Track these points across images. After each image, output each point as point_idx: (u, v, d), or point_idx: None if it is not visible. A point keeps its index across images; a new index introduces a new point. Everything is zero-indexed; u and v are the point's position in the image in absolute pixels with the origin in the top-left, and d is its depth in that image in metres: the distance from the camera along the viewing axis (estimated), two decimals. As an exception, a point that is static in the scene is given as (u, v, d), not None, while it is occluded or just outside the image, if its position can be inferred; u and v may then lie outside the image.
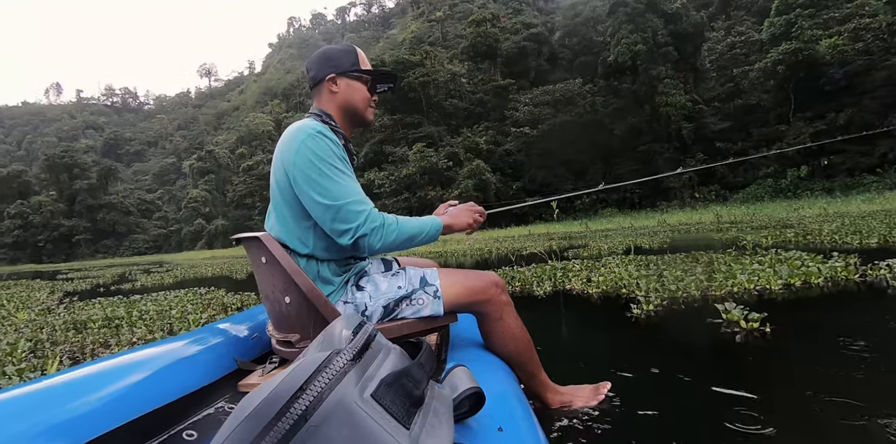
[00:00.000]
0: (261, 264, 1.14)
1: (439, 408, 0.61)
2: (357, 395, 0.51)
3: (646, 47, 32.18)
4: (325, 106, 1.28)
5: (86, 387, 0.85)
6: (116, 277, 11.87)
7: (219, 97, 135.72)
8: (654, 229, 13.51)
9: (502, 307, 1.25)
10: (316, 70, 1.28)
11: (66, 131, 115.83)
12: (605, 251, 6.64)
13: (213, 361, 1.12)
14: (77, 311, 4.17)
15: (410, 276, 1.23)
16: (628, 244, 7.90)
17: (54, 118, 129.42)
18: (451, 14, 70.70)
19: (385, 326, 1.16)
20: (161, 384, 0.95)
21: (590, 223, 19.99)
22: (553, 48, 48.87)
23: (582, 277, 3.76)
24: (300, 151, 1.10)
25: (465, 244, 13.57)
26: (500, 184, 34.47)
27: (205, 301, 4.15)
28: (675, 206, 28.63)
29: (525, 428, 0.78)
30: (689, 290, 2.97)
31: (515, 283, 3.92)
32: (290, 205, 1.15)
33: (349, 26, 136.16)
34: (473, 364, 0.93)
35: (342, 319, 0.67)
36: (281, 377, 0.50)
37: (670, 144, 32.11)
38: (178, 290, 5.81)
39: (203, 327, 1.34)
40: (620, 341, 2.32)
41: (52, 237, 62.35)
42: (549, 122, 35.51)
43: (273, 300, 1.15)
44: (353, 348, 0.57)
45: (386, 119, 40.71)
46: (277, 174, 1.16)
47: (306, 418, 0.46)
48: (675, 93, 31.30)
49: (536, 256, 5.32)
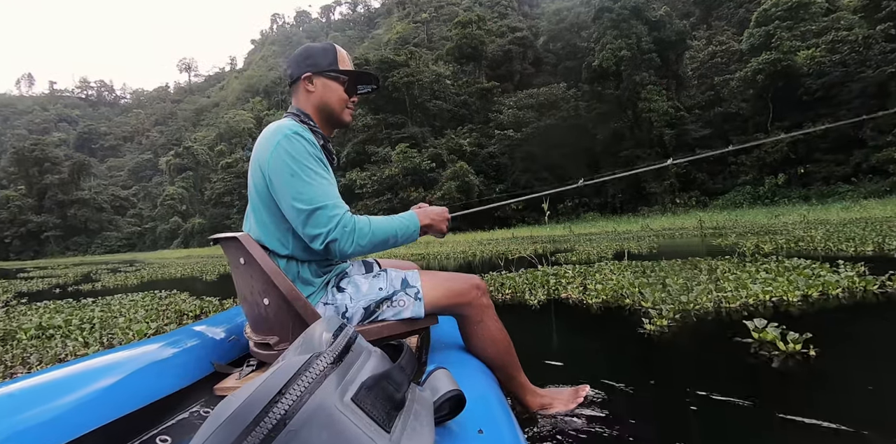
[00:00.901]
0: (239, 264, 1.11)
1: (420, 411, 0.61)
2: (337, 398, 0.50)
3: (630, 53, 32.50)
4: (302, 105, 1.26)
5: (56, 390, 0.82)
6: (80, 276, 11.23)
7: (198, 93, 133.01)
8: (637, 234, 13.45)
9: (483, 310, 1.24)
10: (294, 68, 1.26)
11: (38, 124, 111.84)
12: (595, 256, 6.43)
13: (189, 363, 1.10)
14: (13, 318, 3.73)
15: (392, 277, 1.22)
16: (616, 249, 7.72)
17: (25, 110, 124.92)
18: (437, 16, 70.66)
19: (366, 327, 1.14)
20: (135, 388, 0.93)
21: (573, 227, 19.93)
22: (538, 52, 49.13)
23: (577, 284, 3.51)
24: (275, 152, 1.08)
25: (447, 247, 13.30)
26: (484, 186, 34.34)
27: (161, 307, 3.76)
28: (656, 211, 28.90)
29: (505, 430, 0.78)
30: (700, 301, 2.70)
31: (506, 290, 3.65)
32: (268, 206, 1.13)
33: (334, 25, 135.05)
34: (454, 367, 0.90)
35: (322, 321, 0.67)
36: (260, 380, 0.50)
37: (652, 149, 32.43)
38: (138, 293, 5.37)
39: (179, 329, 1.31)
40: (634, 362, 2.00)
41: (20, 233, 60.04)
42: (533, 125, 35.54)
43: (251, 302, 1.12)
44: (334, 352, 0.57)
45: (369, 119, 40.23)
46: (255, 175, 1.14)
47: (286, 422, 0.46)
48: (657, 99, 31.67)
49: (526, 260, 5.04)
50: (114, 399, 0.87)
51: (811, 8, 29.54)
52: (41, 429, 0.74)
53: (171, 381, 1.02)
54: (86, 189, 66.79)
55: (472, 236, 24.00)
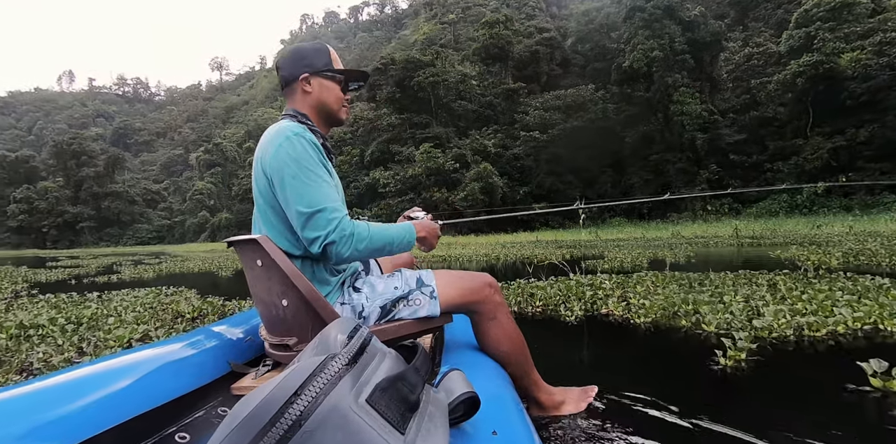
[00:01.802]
0: (255, 267, 1.11)
1: (435, 413, 0.61)
2: (352, 400, 0.51)
3: (662, 54, 31.51)
4: (298, 106, 1.26)
5: (79, 388, 0.85)
6: (102, 267, 11.33)
7: (229, 91, 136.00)
8: (669, 241, 12.86)
9: (496, 307, 1.25)
10: (289, 70, 1.25)
11: (77, 119, 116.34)
12: (629, 264, 6.01)
13: (207, 363, 1.12)
14: (3, 313, 3.57)
15: (406, 277, 1.23)
16: (650, 257, 7.27)
17: (66, 105, 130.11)
18: (464, 17, 70.41)
19: (382, 327, 1.15)
20: (154, 386, 0.95)
21: (599, 232, 19.33)
22: (565, 53, 48.31)
23: (617, 297, 3.15)
24: (277, 154, 1.08)
25: (468, 249, 12.96)
26: (507, 188, 33.84)
27: (161, 306, 3.55)
28: (685, 218, 27.95)
29: (520, 432, 0.78)
30: (776, 327, 2.24)
31: (536, 301, 3.30)
32: (274, 208, 1.12)
33: (361, 25, 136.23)
34: (468, 368, 0.90)
35: (337, 323, 0.67)
36: (276, 381, 0.50)
37: (683, 154, 31.42)
38: (149, 287, 5.20)
39: (197, 330, 1.33)
40: (710, 409, 1.45)
41: (57, 223, 62.16)
42: (560, 127, 34.86)
43: (268, 304, 1.12)
44: (349, 353, 0.57)
45: (394, 118, 40.19)
46: (258, 178, 1.14)
47: (301, 423, 0.46)
48: (690, 102, 30.61)
49: (555, 267, 4.64)
50: (134, 397, 0.89)
51: (855, 9, 28.16)
52: (63, 425, 0.76)
53: (189, 380, 1.04)
54: (119, 182, 68.88)
55: (494, 238, 23.60)
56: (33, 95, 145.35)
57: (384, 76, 40.52)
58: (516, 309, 3.16)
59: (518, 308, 3.21)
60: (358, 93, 25.54)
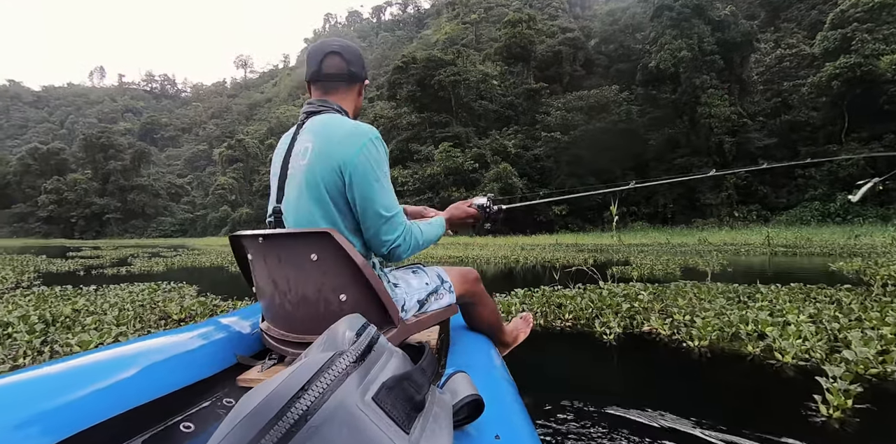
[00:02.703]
0: (306, 261, 1.06)
1: (439, 414, 0.61)
2: (358, 397, 0.51)
3: (690, 54, 30.60)
4: (346, 106, 1.25)
5: (85, 376, 0.86)
6: (117, 259, 11.34)
7: (253, 88, 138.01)
8: (696, 248, 12.36)
9: (481, 294, 1.43)
10: (358, 68, 1.25)
11: (107, 113, 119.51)
12: (660, 272, 5.65)
13: (214, 354, 1.12)
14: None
15: (430, 274, 1.32)
16: (680, 264, 6.88)
17: (96, 100, 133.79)
18: (486, 17, 69.99)
19: (420, 318, 1.23)
20: (160, 376, 0.96)
21: (622, 236, 18.80)
22: (589, 54, 47.44)
23: (657, 311, 2.83)
24: (362, 155, 1.08)
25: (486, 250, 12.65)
26: (527, 189, 33.33)
27: (151, 304, 3.32)
28: (711, 224, 27.10)
29: (522, 436, 0.79)
30: (873, 360, 1.79)
31: (566, 314, 2.93)
32: (339, 205, 1.12)
33: (384, 25, 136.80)
34: (473, 371, 0.89)
35: (346, 320, 0.68)
36: (283, 375, 0.51)
37: (709, 158, 30.48)
38: (153, 282, 5.03)
39: (205, 321, 1.33)
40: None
41: (85, 214, 63.75)
42: (582, 128, 34.16)
43: (313, 301, 1.07)
44: (356, 351, 0.58)
45: (413, 117, 40.05)
46: (325, 172, 1.09)
47: (307, 418, 0.47)
48: (719, 104, 29.64)
49: (584, 273, 4.26)
50: (140, 386, 0.90)
51: (895, 10, 26.92)
52: (70, 411, 0.77)
53: (195, 370, 1.04)
54: (145, 176, 70.32)
55: (513, 240, 23.26)
56: (66, 89, 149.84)
57: (405, 75, 40.42)
58: (542, 322, 2.89)
59: (544, 321, 2.91)
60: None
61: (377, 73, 74.96)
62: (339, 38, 1.26)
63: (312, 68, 1.22)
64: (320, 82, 1.23)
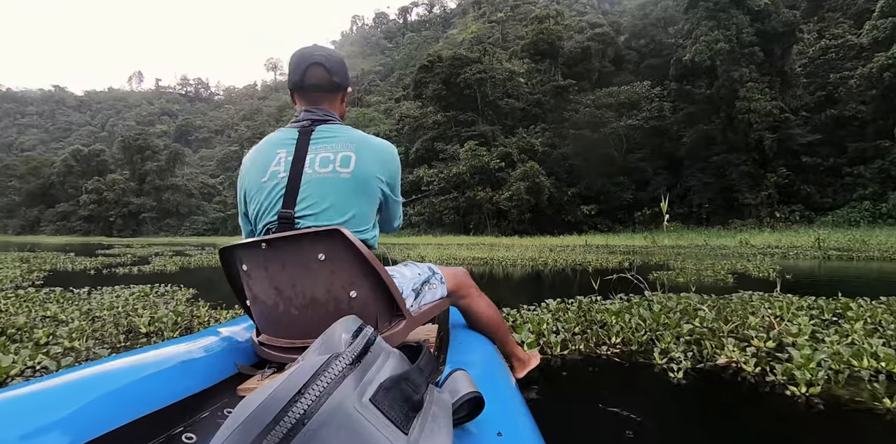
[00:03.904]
0: (312, 260, 1.06)
1: (438, 413, 0.61)
2: (356, 399, 0.51)
3: (728, 46, 29.15)
4: (337, 112, 1.31)
5: (88, 387, 0.86)
6: (139, 258, 11.37)
7: (282, 90, 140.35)
8: (738, 251, 11.61)
9: (475, 292, 1.50)
10: (342, 76, 1.28)
11: (144, 116, 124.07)
12: (709, 278, 5.11)
13: (214, 364, 1.13)
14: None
15: (420, 267, 1.39)
16: (728, 269, 6.33)
17: (135, 104, 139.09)
18: (513, 15, 69.19)
19: (420, 310, 1.26)
20: (161, 387, 0.96)
21: (656, 238, 18.02)
22: (618, 49, 46.14)
23: (725, 332, 2.31)
24: (398, 169, 1.31)
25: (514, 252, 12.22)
26: (555, 188, 32.59)
27: (126, 313, 2.99)
28: (750, 225, 25.80)
29: (524, 433, 0.79)
30: None
31: (613, 338, 2.33)
32: (366, 197, 1.21)
33: (410, 26, 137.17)
34: (472, 368, 0.92)
35: (342, 322, 0.68)
36: (279, 380, 0.51)
37: (748, 155, 29.04)
38: (157, 283, 4.82)
39: (205, 331, 1.34)
40: None
41: (122, 213, 66.07)
42: (612, 126, 33.13)
43: (323, 302, 1.07)
44: (353, 352, 0.58)
45: (439, 116, 39.77)
46: (369, 179, 1.20)
47: (304, 421, 0.47)
48: (759, 98, 28.14)
49: (624, 280, 3.79)
50: (142, 397, 0.90)
51: (950, -4, 25.03)
52: (71, 424, 0.77)
53: (196, 381, 1.04)
54: (179, 176, 72.45)
55: (539, 240, 22.69)
56: (107, 94, 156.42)
57: (430, 74, 40.20)
58: (582, 347, 2.28)
59: (584, 345, 2.28)
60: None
61: (403, 73, 75.10)
62: (322, 47, 1.27)
63: (296, 78, 1.25)
64: (305, 92, 1.26)
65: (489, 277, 7.05)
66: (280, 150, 1.19)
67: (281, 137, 1.22)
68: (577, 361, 2.14)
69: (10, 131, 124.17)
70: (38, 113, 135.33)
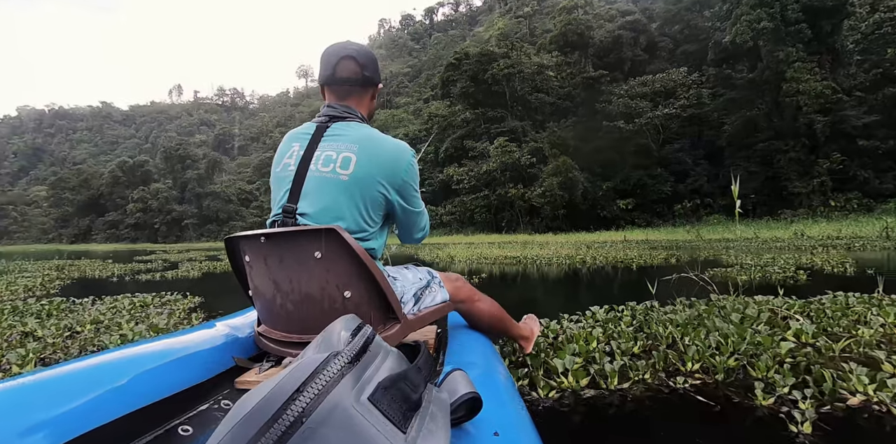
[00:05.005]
0: (311, 259, 1.06)
1: (436, 412, 0.62)
2: (354, 398, 0.52)
3: (772, 25, 27.35)
4: (363, 110, 1.28)
5: (84, 380, 0.86)
6: (169, 263, 11.48)
7: (314, 96, 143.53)
8: (793, 243, 10.69)
9: (473, 295, 1.48)
10: (373, 72, 1.26)
11: (184, 127, 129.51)
12: (777, 275, 4.50)
13: (211, 357, 1.13)
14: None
15: (420, 271, 1.39)
16: (794, 264, 5.67)
17: (175, 116, 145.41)
18: (539, 9, 67.96)
19: (419, 315, 1.26)
20: (158, 380, 0.96)
21: (700, 231, 17.00)
22: (651, 37, 44.36)
23: (836, 352, 1.75)
24: (407, 174, 1.19)
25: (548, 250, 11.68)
26: (589, 183, 31.56)
27: (107, 326, 2.75)
28: (801, 215, 24.13)
29: (521, 433, 0.79)
30: None
31: (687, 361, 1.77)
32: (362, 202, 1.16)
33: (437, 26, 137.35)
34: (471, 368, 0.92)
35: (341, 320, 0.68)
36: (279, 378, 0.51)
37: (797, 140, 27.22)
38: (163, 292, 4.63)
39: (202, 324, 1.34)
40: None
41: (166, 221, 68.87)
42: (647, 116, 31.76)
43: (318, 299, 1.07)
44: (352, 351, 0.58)
45: (468, 114, 39.32)
46: (368, 182, 1.15)
47: (303, 419, 0.47)
48: (808, 79, 26.28)
49: (685, 280, 3.28)
50: (139, 390, 0.90)
51: None
52: (69, 415, 0.77)
53: (193, 374, 1.04)
54: (218, 183, 74.99)
55: (575, 237, 21.94)
56: (149, 107, 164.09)
57: (458, 71, 39.82)
58: (648, 377, 1.73)
59: (650, 374, 1.75)
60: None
61: (431, 73, 75.01)
62: (354, 42, 1.25)
63: (327, 72, 1.23)
64: (335, 86, 1.23)
65: (523, 277, 6.62)
66: (295, 143, 1.20)
67: (300, 130, 1.22)
68: (643, 398, 1.60)
69: (64, 146, 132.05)
70: (87, 128, 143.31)
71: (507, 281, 6.19)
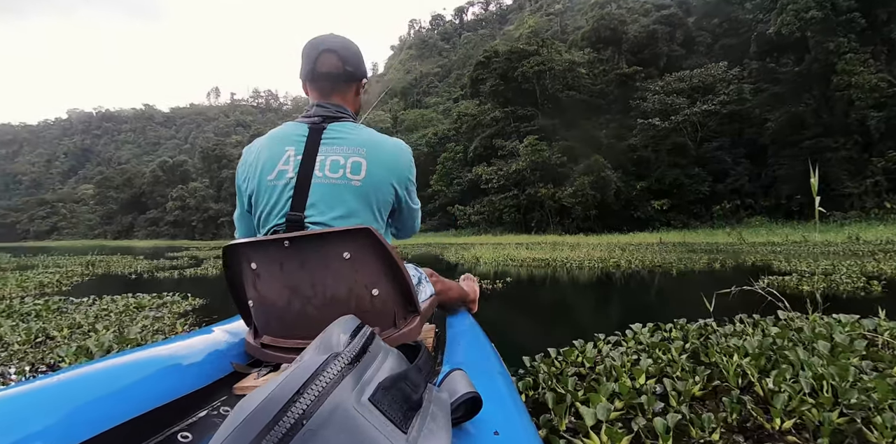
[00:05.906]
0: (338, 260, 1.05)
1: (437, 412, 0.62)
2: (354, 399, 0.52)
3: (821, 14, 25.72)
4: (349, 105, 1.24)
5: (81, 387, 0.86)
6: (194, 260, 11.64)
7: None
8: (849, 248, 9.86)
9: (444, 283, 1.56)
10: (356, 66, 1.22)
11: (221, 128, 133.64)
12: (846, 285, 3.97)
13: (209, 363, 1.12)
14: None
15: (409, 267, 1.35)
16: (862, 271, 5.10)
17: (213, 117, 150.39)
18: (571, 6, 66.72)
19: (422, 307, 1.25)
20: (157, 386, 0.96)
21: (744, 233, 16.07)
22: (688, 31, 42.66)
23: None
24: (410, 172, 1.22)
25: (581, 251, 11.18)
26: (622, 183, 30.54)
27: (85, 332, 2.58)
28: (853, 217, 22.61)
29: (521, 432, 0.79)
30: None
31: (772, 410, 1.31)
32: (381, 209, 1.17)
33: (466, 25, 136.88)
34: (470, 368, 0.91)
35: (340, 322, 0.68)
36: (278, 380, 0.51)
37: (848, 138, 25.57)
38: (171, 292, 4.50)
39: (200, 330, 1.33)
40: None
41: (203, 218, 71.11)
42: (684, 113, 30.41)
43: (345, 300, 1.06)
44: (351, 352, 0.59)
45: (497, 112, 38.81)
46: (380, 186, 1.14)
47: (303, 421, 0.47)
48: (861, 71, 24.61)
49: (748, 294, 2.71)
50: (137, 397, 0.90)
51: None
52: (66, 424, 0.77)
53: (192, 380, 1.03)
54: (250, 183, 77.25)
55: (607, 238, 21.20)
56: (189, 109, 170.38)
57: (487, 70, 39.37)
58: (714, 437, 1.27)
59: (719, 436, 1.27)
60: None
61: (460, 73, 74.68)
62: (336, 35, 1.21)
63: (307, 67, 1.18)
64: (317, 82, 1.19)
65: (552, 280, 6.22)
66: (289, 147, 1.12)
67: (289, 132, 1.14)
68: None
69: (109, 147, 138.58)
70: (131, 129, 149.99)
71: (536, 285, 5.82)
